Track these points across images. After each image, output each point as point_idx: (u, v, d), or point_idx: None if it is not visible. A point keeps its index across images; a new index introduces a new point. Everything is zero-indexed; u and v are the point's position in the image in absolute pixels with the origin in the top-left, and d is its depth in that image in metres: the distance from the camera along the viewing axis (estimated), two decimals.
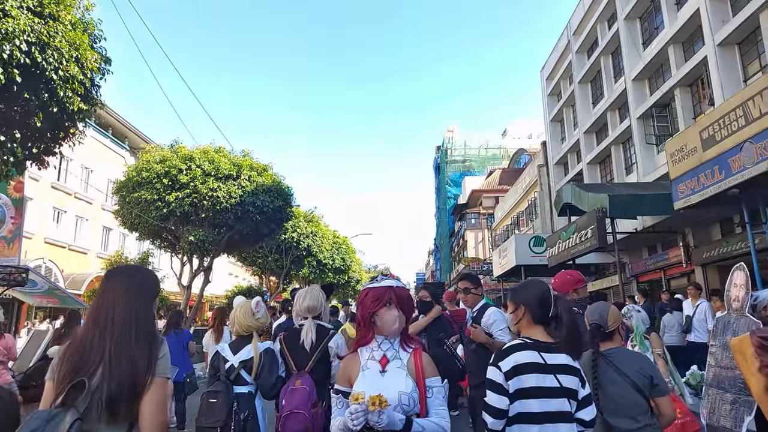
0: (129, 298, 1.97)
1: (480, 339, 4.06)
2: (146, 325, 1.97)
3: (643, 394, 2.74)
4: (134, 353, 1.86)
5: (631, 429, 2.67)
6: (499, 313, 4.26)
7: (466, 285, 4.51)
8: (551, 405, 2.25)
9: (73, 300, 12.36)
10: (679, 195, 9.22)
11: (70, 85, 6.95)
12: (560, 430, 2.25)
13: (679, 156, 9.24)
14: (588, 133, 22.92)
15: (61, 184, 25.14)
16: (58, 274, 24.34)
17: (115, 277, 2.05)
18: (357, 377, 2.22)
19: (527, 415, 2.27)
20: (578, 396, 2.31)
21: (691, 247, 16.17)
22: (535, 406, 2.25)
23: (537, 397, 2.26)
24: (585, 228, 14.35)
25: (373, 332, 2.29)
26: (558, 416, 2.25)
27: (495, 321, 4.17)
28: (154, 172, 14.85)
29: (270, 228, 17.07)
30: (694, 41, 16.12)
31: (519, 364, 2.32)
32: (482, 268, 36.17)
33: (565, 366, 2.33)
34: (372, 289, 2.32)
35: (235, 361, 3.53)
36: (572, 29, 24.29)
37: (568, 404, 2.28)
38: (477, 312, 4.39)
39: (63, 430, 1.67)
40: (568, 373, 2.32)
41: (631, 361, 2.84)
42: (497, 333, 4.11)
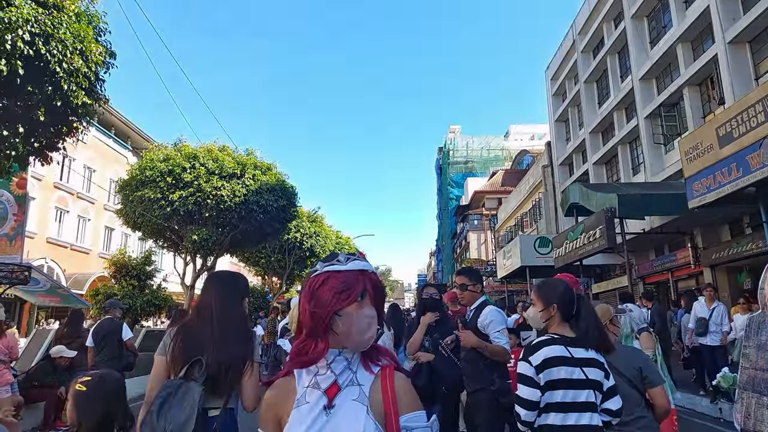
0: (225, 298, 2.48)
1: (471, 343, 3.67)
2: (240, 319, 2.47)
3: (635, 387, 2.81)
4: (234, 342, 2.37)
5: (626, 421, 2.71)
6: (497, 312, 3.82)
7: (463, 281, 4.07)
8: (579, 396, 2.40)
9: (75, 299, 12.18)
10: (694, 193, 9.03)
11: (74, 78, 6.75)
12: (585, 419, 2.39)
13: (694, 154, 9.05)
14: (594, 133, 22.74)
15: (63, 184, 25.01)
16: (60, 274, 24.19)
17: (215, 280, 2.59)
18: (288, 417, 1.40)
19: (556, 405, 2.42)
20: (603, 388, 2.45)
21: (700, 248, 15.99)
22: (563, 396, 2.41)
23: (565, 389, 2.42)
24: (593, 228, 14.17)
25: (326, 343, 1.43)
26: (585, 407, 2.41)
27: (492, 321, 3.75)
28: (157, 170, 14.69)
29: (274, 227, 16.89)
30: (703, 39, 15.94)
31: (548, 358, 2.47)
32: (485, 269, 35.97)
33: (590, 359, 2.47)
34: (333, 275, 1.44)
35: None
36: (578, 29, 24.13)
37: (593, 395, 2.42)
38: (474, 311, 3.92)
39: (195, 397, 2.18)
40: (594, 366, 2.46)
41: (622, 357, 2.89)
42: (494, 335, 3.70)
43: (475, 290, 4.04)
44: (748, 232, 14.18)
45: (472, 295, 4.04)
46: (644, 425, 2.79)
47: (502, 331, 3.74)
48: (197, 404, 2.18)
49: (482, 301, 3.99)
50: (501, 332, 3.73)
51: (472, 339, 3.70)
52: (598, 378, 2.45)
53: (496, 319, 3.77)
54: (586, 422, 2.40)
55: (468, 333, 3.74)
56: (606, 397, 2.46)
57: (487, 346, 3.64)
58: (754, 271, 14.72)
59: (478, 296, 4.04)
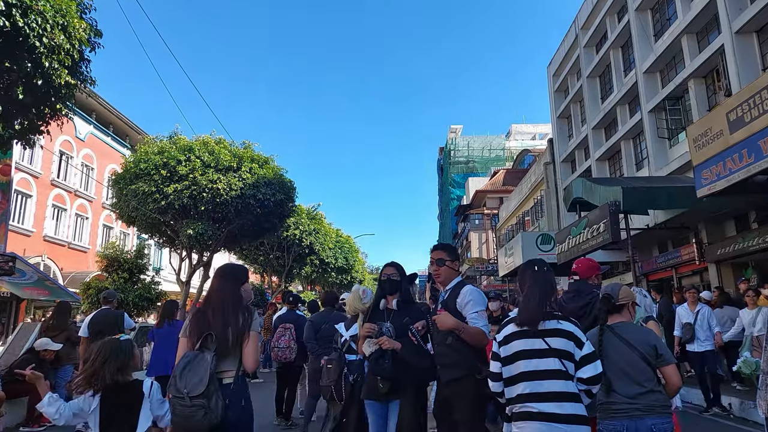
0: (224, 284, 3.10)
1: (447, 324, 3.29)
2: (235, 301, 3.03)
3: (649, 363, 2.89)
4: (231, 320, 2.94)
5: (636, 393, 2.82)
6: (476, 292, 3.46)
7: (441, 255, 3.61)
8: (541, 364, 2.62)
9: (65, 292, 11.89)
10: (703, 182, 8.72)
11: (56, 55, 6.43)
12: (555, 386, 2.57)
13: (703, 141, 8.74)
14: (596, 128, 22.46)
15: (60, 182, 24.82)
16: (57, 273, 24.02)
17: (218, 271, 3.20)
18: None
19: (521, 375, 2.67)
20: (575, 357, 2.64)
21: (705, 243, 15.69)
22: (527, 366, 2.64)
23: (527, 359, 2.65)
24: (597, 222, 13.85)
25: None
26: (550, 374, 2.60)
27: (471, 301, 3.38)
28: (152, 163, 14.37)
29: (271, 222, 16.56)
30: (708, 31, 15.66)
31: (509, 334, 2.78)
32: (487, 268, 35.82)
33: (555, 330, 2.68)
34: None
35: (347, 336, 4.74)
36: (580, 24, 23.86)
37: (560, 363, 2.61)
38: (450, 291, 3.51)
39: (208, 361, 2.79)
40: (559, 336, 2.66)
41: (637, 333, 3.02)
42: (471, 315, 3.34)
43: (452, 267, 3.64)
44: (754, 226, 13.89)
45: (450, 273, 3.62)
46: (654, 399, 2.84)
47: (480, 313, 3.39)
48: (209, 368, 2.78)
49: (460, 280, 3.60)
50: (479, 314, 3.38)
51: (449, 320, 3.31)
52: (565, 347, 2.64)
53: (475, 299, 3.40)
54: (556, 389, 2.58)
55: (445, 314, 3.36)
56: (579, 365, 2.63)
57: (465, 328, 3.28)
58: (761, 266, 14.44)
59: (455, 275, 3.65)
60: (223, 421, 2.77)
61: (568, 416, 2.56)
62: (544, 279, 2.89)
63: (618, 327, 3.05)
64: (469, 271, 40.32)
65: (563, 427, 2.54)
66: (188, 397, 2.71)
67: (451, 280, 3.59)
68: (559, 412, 2.56)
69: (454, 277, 3.62)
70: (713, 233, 15.51)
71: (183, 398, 2.72)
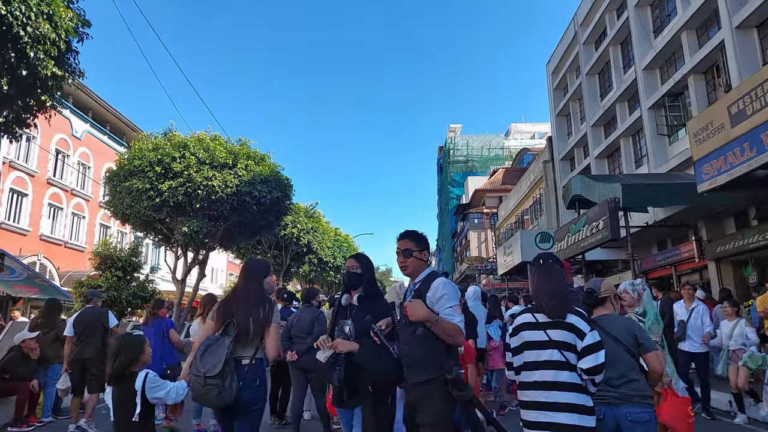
0: (248, 277, 3.46)
1: (419, 314, 2.87)
2: (258, 295, 3.35)
3: (631, 353, 3.06)
4: (253, 312, 3.25)
5: (617, 382, 3.00)
6: (450, 285, 3.06)
7: (407, 245, 3.21)
8: (542, 355, 2.73)
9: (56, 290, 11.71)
10: (704, 176, 8.57)
11: (42, 45, 6.27)
12: (558, 377, 2.66)
13: (704, 135, 8.60)
14: (596, 126, 22.35)
15: (57, 180, 24.69)
16: (53, 272, 23.87)
17: (243, 266, 3.64)
18: None
19: (526, 365, 2.81)
20: (577, 348, 2.68)
21: (704, 241, 15.57)
22: (529, 357, 2.79)
23: (530, 350, 2.79)
24: (596, 220, 13.72)
25: None
26: (552, 365, 2.70)
27: (445, 295, 2.98)
28: (146, 160, 14.20)
29: (268, 220, 16.39)
30: (708, 26, 15.53)
31: (519, 324, 2.91)
32: (486, 267, 35.71)
33: (557, 322, 2.75)
34: None
35: None
36: (579, 21, 23.75)
37: (560, 354, 2.69)
38: (420, 284, 3.11)
39: (226, 344, 3.11)
40: (560, 328, 2.73)
41: (619, 324, 3.20)
42: (445, 311, 2.93)
43: (421, 257, 3.22)
44: (754, 223, 13.77)
45: (418, 264, 3.20)
46: (635, 387, 3.01)
47: (455, 308, 2.98)
48: (226, 351, 3.06)
49: (431, 272, 3.18)
50: (454, 309, 2.96)
51: (421, 310, 2.89)
52: (565, 339, 2.70)
53: (449, 293, 2.99)
54: (549, 379, 2.67)
55: (416, 302, 2.93)
56: (581, 355, 2.67)
57: (437, 320, 2.87)
58: (760, 264, 14.32)
59: (424, 266, 3.22)
60: (237, 400, 3.08)
61: (566, 405, 2.63)
62: (551, 270, 2.93)
63: (601, 319, 3.24)
64: (468, 270, 40.21)
65: (558, 415, 2.61)
66: (204, 377, 3.02)
67: (420, 272, 3.19)
68: (554, 401, 2.64)
69: (424, 268, 3.21)
70: (713, 231, 15.40)
71: (200, 377, 3.04)
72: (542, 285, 2.87)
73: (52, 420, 7.65)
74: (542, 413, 2.67)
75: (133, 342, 3.46)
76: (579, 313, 2.81)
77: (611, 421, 2.96)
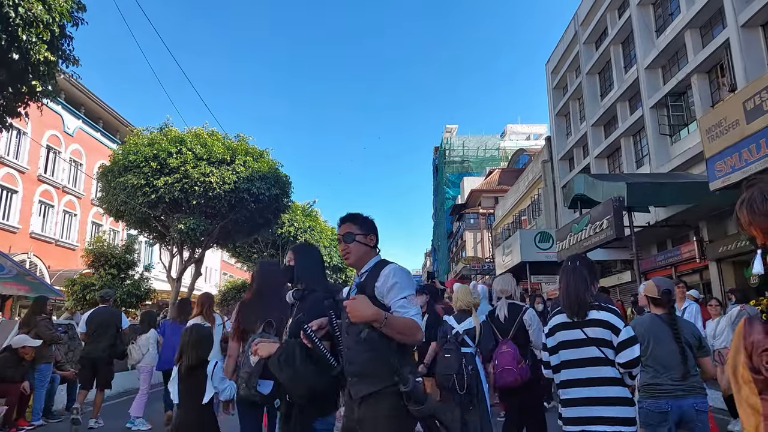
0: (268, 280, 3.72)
1: (363, 314, 2.32)
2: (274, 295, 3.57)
3: (692, 351, 3.30)
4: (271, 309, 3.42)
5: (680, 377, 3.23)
6: (402, 272, 2.53)
7: (349, 228, 2.69)
8: (581, 353, 2.83)
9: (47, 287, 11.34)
10: (717, 174, 8.37)
11: (34, 28, 5.93)
12: (598, 372, 2.78)
13: (717, 131, 8.40)
14: (596, 126, 22.21)
15: (48, 177, 24.27)
16: (44, 270, 23.47)
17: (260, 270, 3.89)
18: None
19: (565, 363, 2.91)
20: (613, 344, 2.79)
21: (706, 241, 15.45)
22: (569, 355, 2.88)
23: (569, 348, 2.88)
24: (600, 219, 13.53)
25: None
26: (591, 361, 2.81)
27: (396, 284, 2.45)
28: (141, 155, 13.82)
29: (266, 218, 16.06)
30: (713, 25, 15.39)
31: (554, 325, 3.01)
32: (483, 267, 35.53)
33: (592, 320, 2.86)
34: None
35: (460, 329, 4.77)
36: (580, 20, 23.60)
37: (598, 351, 2.80)
38: (367, 274, 2.59)
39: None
40: (596, 326, 2.84)
41: (687, 326, 3.46)
42: (398, 303, 2.41)
43: (366, 242, 2.67)
44: None
45: (363, 251, 2.66)
46: (698, 380, 3.31)
47: (410, 299, 2.44)
48: None
49: (379, 261, 2.65)
50: (409, 300, 2.43)
51: (366, 308, 2.33)
52: (602, 336, 2.81)
53: (401, 281, 2.46)
54: (592, 375, 2.78)
55: (360, 299, 2.38)
56: (617, 351, 2.78)
57: (389, 319, 2.32)
58: None
59: (371, 253, 2.69)
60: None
61: (609, 399, 2.74)
62: (579, 272, 3.02)
63: (665, 317, 3.42)
64: (465, 270, 40.05)
65: (602, 409, 2.73)
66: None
67: (366, 261, 2.65)
68: (598, 396, 2.76)
69: (371, 257, 2.67)
70: (714, 231, 15.28)
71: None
72: (566, 286, 3.00)
73: (43, 423, 7.39)
74: (587, 408, 2.77)
75: (207, 334, 3.86)
76: (612, 310, 2.92)
77: (676, 413, 3.21)
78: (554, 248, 18.54)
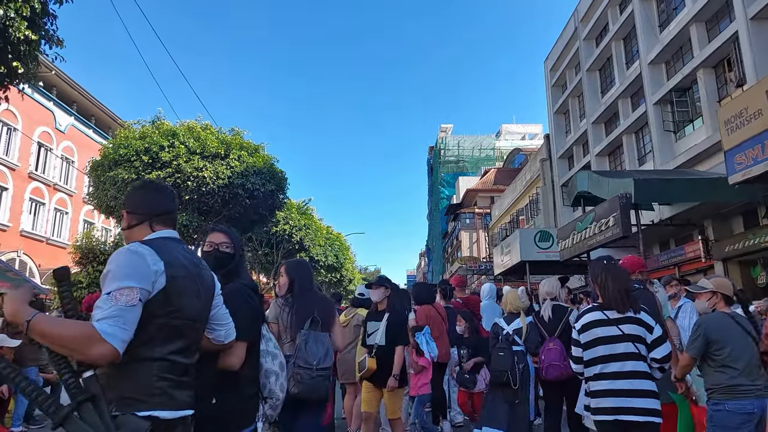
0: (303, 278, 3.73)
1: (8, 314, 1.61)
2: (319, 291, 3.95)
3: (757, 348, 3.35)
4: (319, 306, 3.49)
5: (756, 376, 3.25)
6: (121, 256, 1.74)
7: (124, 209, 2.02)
8: (617, 348, 3.04)
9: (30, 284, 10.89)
10: (737, 167, 8.01)
11: (12, 3, 5.47)
12: (632, 366, 3.00)
13: (737, 123, 8.03)
14: (596, 123, 21.90)
15: (39, 175, 23.78)
16: (33, 269, 23.02)
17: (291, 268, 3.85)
18: None
19: (600, 358, 3.10)
20: (647, 340, 3.04)
21: (711, 240, 15.14)
22: (604, 350, 3.08)
23: (604, 344, 3.08)
24: (605, 216, 13.15)
25: None
26: (625, 356, 3.03)
27: (108, 273, 1.72)
28: (132, 149, 13.33)
29: (261, 214, 15.58)
30: (719, 19, 15.09)
31: (588, 322, 3.18)
32: (480, 267, 35.21)
33: (627, 318, 3.07)
34: None
35: (510, 329, 5.05)
36: (580, 16, 23.30)
37: (633, 347, 3.02)
38: None
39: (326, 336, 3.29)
40: (631, 323, 3.06)
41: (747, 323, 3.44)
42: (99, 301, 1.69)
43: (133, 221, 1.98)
44: (764, 222, 13.35)
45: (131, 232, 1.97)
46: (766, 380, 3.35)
47: (113, 296, 1.64)
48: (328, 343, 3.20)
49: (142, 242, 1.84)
50: (111, 297, 1.64)
51: (9, 305, 1.60)
52: (636, 332, 3.03)
53: (114, 269, 1.69)
54: (629, 369, 2.99)
55: (12, 295, 1.62)
56: (651, 347, 3.02)
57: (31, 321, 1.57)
58: None
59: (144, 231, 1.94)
60: None
61: (640, 391, 2.97)
62: (618, 268, 3.27)
63: (736, 316, 3.42)
64: (460, 270, 39.72)
65: (634, 401, 2.96)
66: (315, 369, 3.05)
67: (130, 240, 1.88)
68: (631, 388, 2.98)
69: (143, 235, 1.92)
70: (719, 230, 15.01)
71: (311, 369, 3.04)
72: (612, 283, 3.14)
73: (23, 430, 6.92)
74: (620, 399, 2.98)
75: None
76: (645, 309, 3.16)
77: (759, 412, 3.21)
78: (554, 247, 18.19)
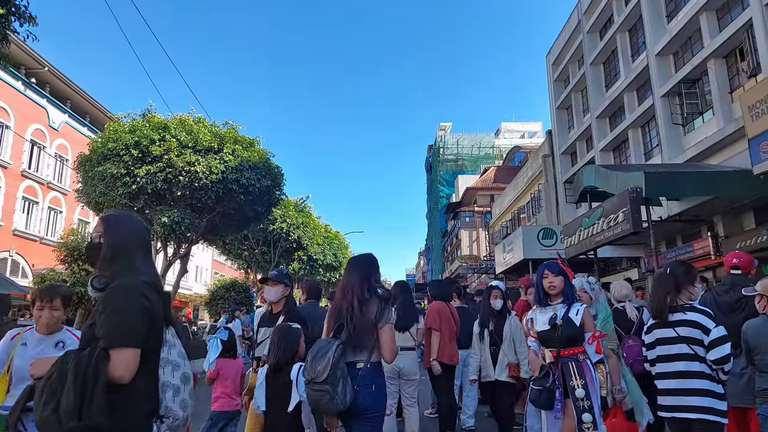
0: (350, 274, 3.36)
1: None
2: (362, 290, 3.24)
3: None
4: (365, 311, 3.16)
5: None
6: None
7: None
8: (673, 349, 3.26)
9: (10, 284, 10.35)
10: (762, 156, 7.52)
11: None
12: (687, 367, 3.18)
13: (763, 108, 7.55)
14: (601, 117, 21.38)
15: (32, 173, 23.34)
16: (26, 269, 22.57)
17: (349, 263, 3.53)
18: None
19: (658, 357, 3.36)
20: (704, 342, 3.17)
21: (721, 237, 14.66)
22: (661, 351, 3.33)
23: (663, 345, 3.32)
24: (614, 212, 12.63)
25: None
26: (680, 357, 3.23)
27: None
28: (122, 142, 12.74)
29: (256, 211, 15.00)
30: (731, 7, 14.59)
31: (651, 324, 3.48)
32: (480, 265, 34.76)
33: (683, 320, 3.28)
34: None
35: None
36: (583, 8, 22.78)
37: (688, 348, 3.20)
38: None
39: (334, 347, 3.00)
40: (687, 326, 3.25)
41: None
42: None
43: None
44: None
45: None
46: None
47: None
48: (332, 356, 2.95)
49: None
50: None
51: None
52: (691, 335, 3.21)
53: None
54: (682, 368, 3.20)
55: None
56: (708, 349, 3.15)
57: None
58: None
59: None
60: (353, 406, 2.96)
61: (694, 390, 3.12)
62: (665, 279, 3.43)
63: None
64: (461, 269, 39.26)
65: (688, 399, 3.11)
66: (313, 383, 2.92)
67: None
68: (684, 387, 3.15)
69: None
70: (730, 226, 14.53)
71: (310, 383, 2.96)
72: (652, 292, 3.51)
73: None
74: (677, 398, 3.17)
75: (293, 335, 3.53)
76: (703, 311, 3.26)
77: None
78: (558, 245, 17.73)
